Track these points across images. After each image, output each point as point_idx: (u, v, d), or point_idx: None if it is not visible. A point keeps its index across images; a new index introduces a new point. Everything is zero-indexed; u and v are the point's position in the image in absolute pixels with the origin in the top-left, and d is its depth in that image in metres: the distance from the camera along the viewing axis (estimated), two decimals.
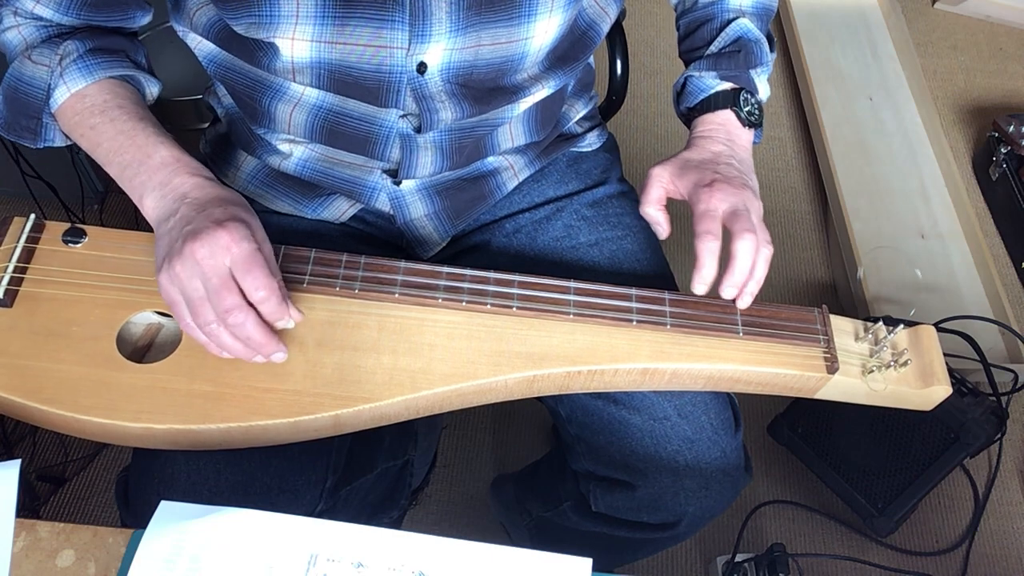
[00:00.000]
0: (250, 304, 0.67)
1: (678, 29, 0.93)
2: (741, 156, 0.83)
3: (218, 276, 0.65)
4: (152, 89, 0.80)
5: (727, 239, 0.75)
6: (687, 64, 0.89)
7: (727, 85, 0.85)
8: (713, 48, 0.86)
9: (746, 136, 0.85)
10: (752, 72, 0.86)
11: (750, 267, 0.74)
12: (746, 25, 0.86)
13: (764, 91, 0.88)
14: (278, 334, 0.69)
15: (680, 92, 0.89)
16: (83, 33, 0.76)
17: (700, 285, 0.75)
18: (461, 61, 0.75)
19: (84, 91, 0.73)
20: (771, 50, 0.89)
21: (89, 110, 0.73)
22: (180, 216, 0.67)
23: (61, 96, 0.73)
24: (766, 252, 0.75)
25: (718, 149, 0.82)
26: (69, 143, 0.78)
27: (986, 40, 2.33)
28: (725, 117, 0.84)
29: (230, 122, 0.92)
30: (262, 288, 0.66)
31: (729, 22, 0.86)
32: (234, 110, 0.90)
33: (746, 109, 0.84)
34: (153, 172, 0.70)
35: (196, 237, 0.65)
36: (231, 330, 0.66)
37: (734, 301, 0.76)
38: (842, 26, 2.25)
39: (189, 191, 0.69)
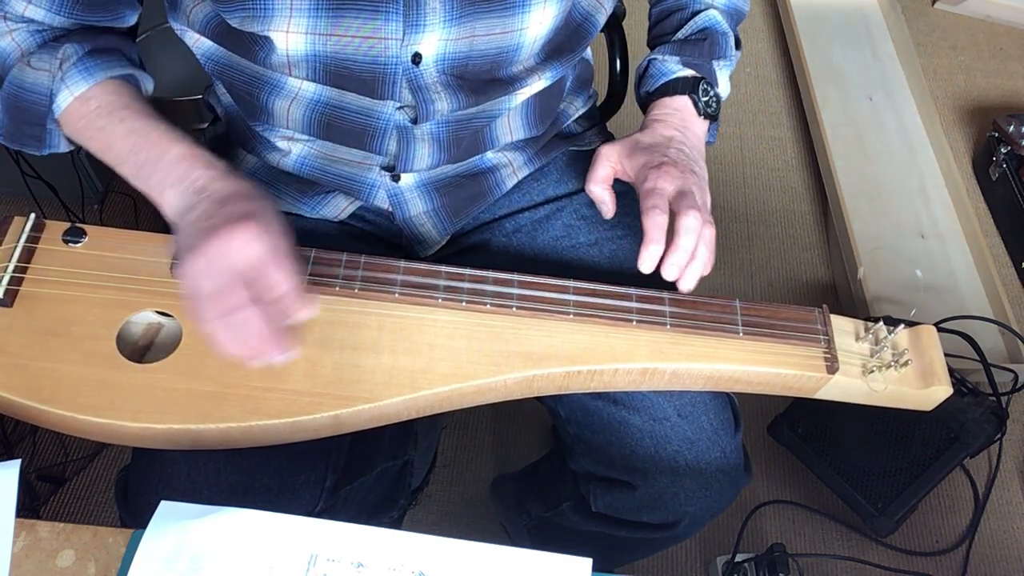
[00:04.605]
0: (263, 302, 0.65)
1: (650, 18, 0.94)
2: (692, 143, 0.83)
3: (227, 275, 0.64)
4: (147, 86, 0.80)
5: (671, 220, 0.75)
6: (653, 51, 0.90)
7: (688, 72, 0.86)
8: (680, 35, 0.88)
9: (700, 126, 0.85)
10: (715, 63, 0.87)
11: (694, 245, 0.73)
12: (715, 17, 0.87)
13: (725, 86, 0.89)
14: (290, 336, 0.66)
15: (642, 75, 0.90)
16: (79, 35, 0.75)
17: (647, 262, 0.74)
18: (456, 52, 0.75)
19: (87, 94, 0.73)
20: (737, 48, 0.90)
21: (95, 112, 0.72)
22: (200, 212, 0.66)
23: (64, 101, 0.73)
24: (708, 233, 0.75)
25: (670, 134, 0.82)
26: (72, 148, 0.77)
27: (986, 40, 2.32)
28: (682, 103, 0.85)
29: (229, 120, 0.92)
30: (282, 283, 0.64)
31: (699, 12, 0.87)
32: (233, 108, 0.90)
33: (704, 99, 0.85)
34: (170, 168, 0.69)
35: (212, 235, 0.63)
36: (234, 329, 0.65)
37: (675, 284, 0.75)
38: (842, 26, 2.25)
39: (207, 184, 0.68)
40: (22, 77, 0.74)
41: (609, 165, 0.82)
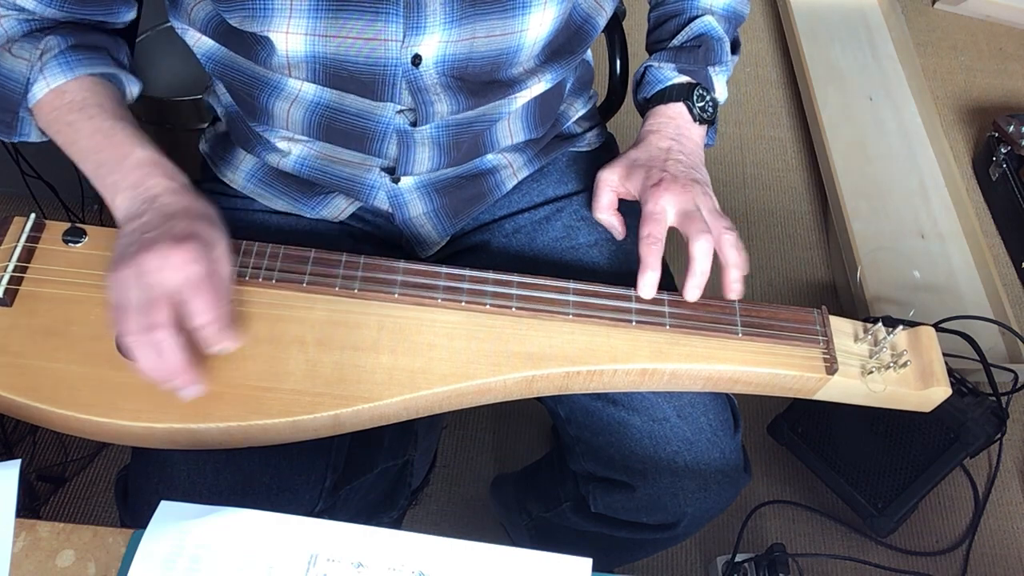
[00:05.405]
0: (186, 327, 0.64)
1: (649, 21, 0.95)
2: (689, 149, 0.84)
3: (155, 291, 0.63)
4: (132, 88, 0.79)
5: (678, 241, 0.76)
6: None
7: (684, 79, 0.86)
8: (675, 41, 0.88)
9: (697, 132, 0.86)
10: (710, 69, 0.87)
11: (708, 267, 0.74)
12: (711, 23, 0.87)
13: (722, 91, 0.89)
14: (201, 371, 0.66)
15: (639, 82, 0.90)
16: (66, 28, 0.75)
17: (647, 288, 0.75)
18: (456, 53, 0.75)
19: (63, 87, 0.72)
20: (734, 53, 0.90)
21: (67, 106, 0.72)
22: (144, 221, 0.66)
23: (40, 91, 0.72)
24: (729, 237, 0.76)
25: (665, 145, 0.83)
26: (45, 139, 0.77)
27: (986, 40, 2.33)
28: (677, 111, 0.85)
29: (229, 121, 0.92)
30: (203, 314, 0.64)
31: (695, 18, 0.88)
32: (233, 108, 0.90)
33: (699, 105, 0.85)
34: (128, 172, 0.69)
35: (149, 248, 0.63)
36: (151, 348, 0.63)
37: (683, 288, 0.76)
38: (842, 26, 2.25)
39: (160, 194, 0.67)
40: (0, 63, 0.74)
41: (610, 190, 0.83)
